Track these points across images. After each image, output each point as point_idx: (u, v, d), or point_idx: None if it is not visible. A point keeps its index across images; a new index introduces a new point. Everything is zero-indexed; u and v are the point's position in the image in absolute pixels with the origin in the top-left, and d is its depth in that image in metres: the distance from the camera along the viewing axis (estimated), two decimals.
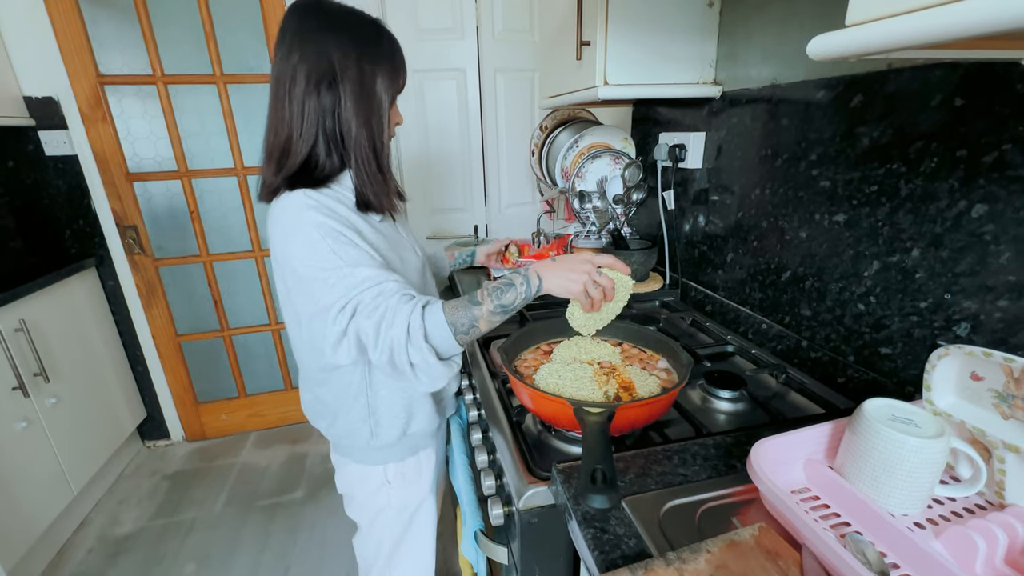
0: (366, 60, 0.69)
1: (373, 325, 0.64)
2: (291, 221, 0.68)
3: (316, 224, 0.66)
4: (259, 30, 1.86)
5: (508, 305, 0.69)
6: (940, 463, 0.49)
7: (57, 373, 1.66)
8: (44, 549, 1.59)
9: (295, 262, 0.67)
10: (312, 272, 0.66)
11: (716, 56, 1.12)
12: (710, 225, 1.20)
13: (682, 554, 0.46)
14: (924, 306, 0.72)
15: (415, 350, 0.64)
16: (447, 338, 0.66)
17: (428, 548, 0.97)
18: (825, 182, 0.86)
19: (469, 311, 0.67)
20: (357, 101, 0.69)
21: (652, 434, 0.76)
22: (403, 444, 0.87)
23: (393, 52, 0.73)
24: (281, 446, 2.19)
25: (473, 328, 0.67)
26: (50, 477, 1.60)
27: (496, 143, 1.92)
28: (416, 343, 0.64)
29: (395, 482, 0.89)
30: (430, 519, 0.96)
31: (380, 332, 0.64)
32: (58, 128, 1.77)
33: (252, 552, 1.63)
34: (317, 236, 0.66)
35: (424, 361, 0.65)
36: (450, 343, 0.66)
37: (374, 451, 0.86)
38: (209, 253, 2.06)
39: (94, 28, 1.73)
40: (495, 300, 0.68)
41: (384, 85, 0.72)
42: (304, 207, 0.67)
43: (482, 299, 0.68)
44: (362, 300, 0.65)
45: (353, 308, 0.65)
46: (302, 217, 0.67)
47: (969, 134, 0.64)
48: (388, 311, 0.64)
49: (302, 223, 0.67)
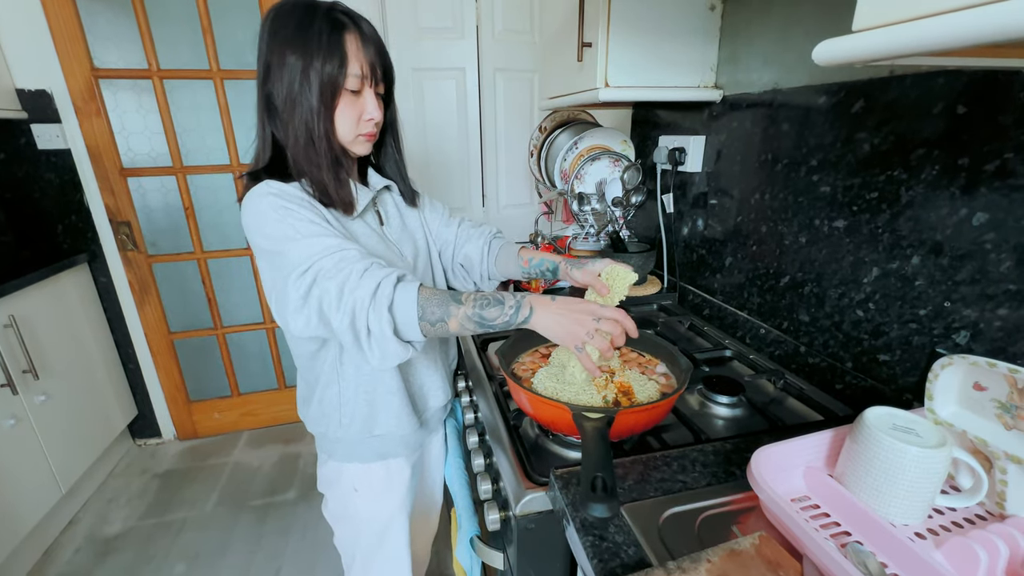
0: (289, 49, 0.67)
1: (336, 286, 0.61)
2: (254, 206, 0.68)
3: (274, 206, 0.67)
4: (256, 26, 1.83)
5: (487, 320, 0.63)
6: (942, 473, 0.48)
7: (47, 370, 1.64)
8: (30, 549, 1.57)
9: (258, 240, 0.68)
10: (273, 244, 0.66)
11: (717, 60, 1.12)
12: (709, 229, 1.20)
13: (682, 563, 0.46)
14: (923, 313, 0.72)
15: (375, 315, 0.60)
16: (410, 318, 0.61)
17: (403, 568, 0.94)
18: (825, 188, 0.86)
19: (446, 305, 0.63)
20: (288, 94, 0.68)
21: (650, 439, 0.75)
22: (370, 444, 0.85)
23: (324, 35, 0.66)
24: (274, 446, 2.17)
25: (441, 323, 0.63)
26: (38, 475, 1.58)
27: (495, 144, 1.91)
28: (378, 308, 0.60)
29: (362, 490, 0.87)
30: (402, 542, 0.92)
31: (344, 293, 0.61)
32: (51, 121, 1.75)
33: (243, 552, 1.62)
34: (277, 216, 0.66)
35: (380, 331, 0.60)
36: (411, 324, 0.62)
37: (344, 445, 0.85)
38: (203, 250, 2.04)
39: (89, 20, 1.70)
40: (476, 308, 0.63)
41: (314, 73, 0.67)
42: (265, 193, 0.68)
43: (464, 301, 0.64)
44: (323, 267, 0.63)
45: (315, 273, 0.63)
46: (263, 202, 0.68)
47: (971, 142, 0.64)
48: (353, 273, 0.62)
49: (263, 207, 0.67)
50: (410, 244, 0.86)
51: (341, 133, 0.72)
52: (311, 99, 0.68)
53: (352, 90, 0.70)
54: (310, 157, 0.70)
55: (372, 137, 0.76)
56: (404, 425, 0.84)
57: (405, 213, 0.88)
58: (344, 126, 0.72)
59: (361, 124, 0.73)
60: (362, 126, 0.74)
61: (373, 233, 0.79)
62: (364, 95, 0.72)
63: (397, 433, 0.85)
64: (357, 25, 0.70)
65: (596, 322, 0.62)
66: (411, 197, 0.89)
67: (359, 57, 0.69)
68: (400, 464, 0.89)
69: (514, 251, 0.90)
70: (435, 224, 0.94)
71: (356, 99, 0.71)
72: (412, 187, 0.89)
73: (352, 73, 0.69)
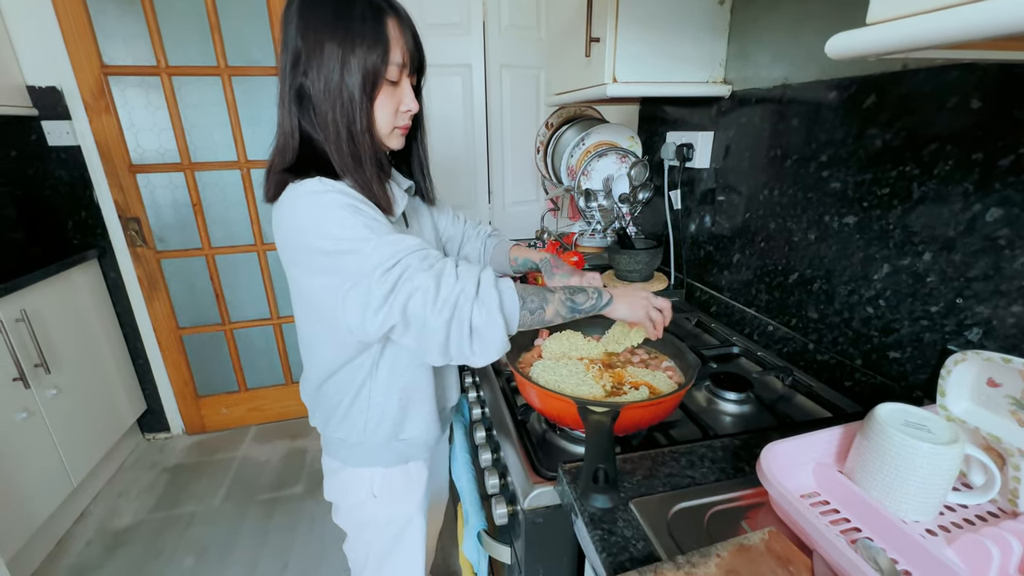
0: (327, 35, 0.62)
1: (432, 278, 0.59)
2: (312, 204, 0.62)
3: (342, 204, 0.62)
4: (264, 22, 1.85)
5: (578, 305, 0.68)
6: (954, 470, 0.48)
7: (58, 364, 1.66)
8: (43, 541, 1.59)
9: (327, 243, 0.61)
10: (349, 245, 0.61)
11: (726, 55, 1.11)
12: (716, 225, 1.19)
13: (692, 558, 0.46)
14: (935, 310, 0.71)
15: (481, 309, 0.59)
16: (515, 308, 0.62)
17: (417, 570, 0.92)
18: (836, 184, 0.85)
19: (541, 293, 0.66)
20: (326, 85, 0.63)
21: (657, 435, 0.75)
22: (393, 449, 0.82)
23: (367, 21, 0.62)
24: (281, 441, 2.19)
25: (539, 311, 0.65)
26: (50, 468, 1.60)
27: (501, 140, 1.91)
28: (485, 301, 0.59)
29: (381, 496, 0.84)
30: (419, 540, 0.90)
31: (441, 286, 0.59)
32: (61, 118, 1.76)
33: (251, 546, 1.63)
34: (346, 213, 0.62)
35: (489, 324, 0.59)
36: (515, 314, 0.63)
37: (364, 450, 0.81)
38: (211, 246, 2.05)
39: (98, 18, 1.71)
40: (568, 295, 0.68)
41: (357, 62, 0.62)
42: (321, 191, 0.63)
43: (556, 291, 0.67)
44: (411, 263, 0.60)
45: (403, 269, 0.60)
46: (323, 199, 0.62)
47: (986, 137, 0.63)
48: (447, 269, 0.61)
49: (324, 204, 0.62)
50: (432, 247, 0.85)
51: (379, 126, 0.69)
52: (353, 90, 0.63)
53: (391, 80, 0.66)
54: (354, 153, 0.66)
55: (406, 130, 0.73)
56: (429, 431, 0.83)
57: (421, 213, 0.86)
58: (382, 118, 0.68)
59: (399, 116, 0.70)
60: (399, 118, 0.70)
61: None
62: (402, 85, 0.69)
63: (422, 438, 0.83)
64: (396, 10, 0.66)
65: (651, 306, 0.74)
66: (431, 196, 0.86)
67: (400, 45, 0.65)
68: (419, 466, 0.87)
69: (505, 249, 0.94)
70: (443, 223, 0.94)
71: (394, 90, 0.68)
72: (433, 185, 0.87)
73: (394, 62, 0.65)
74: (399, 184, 0.79)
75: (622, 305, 0.72)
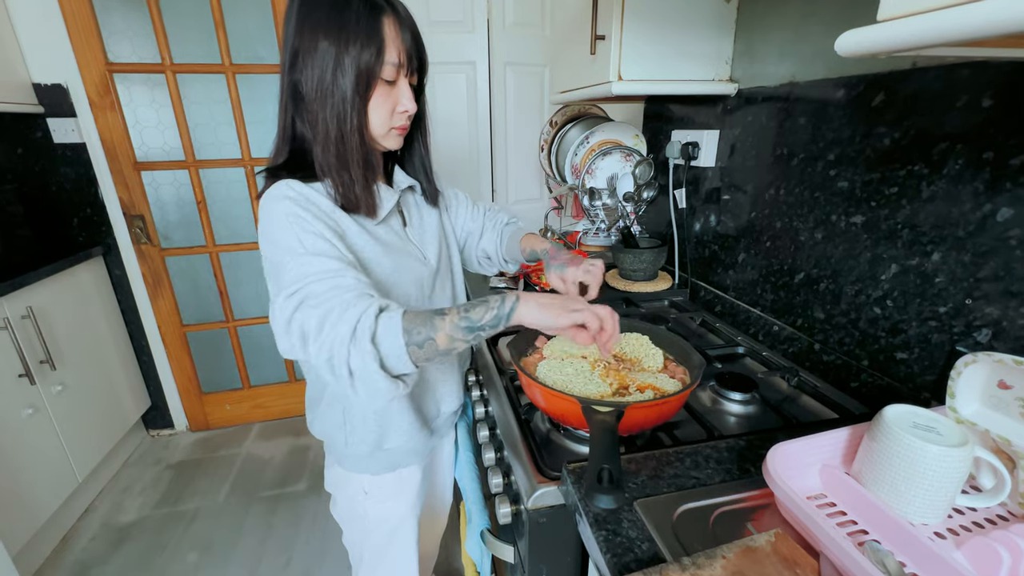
0: (322, 33, 0.61)
1: (318, 317, 0.56)
2: (267, 210, 0.64)
3: (287, 212, 0.63)
4: (268, 20, 1.85)
5: (475, 322, 0.59)
6: (963, 472, 0.48)
7: (63, 361, 1.67)
8: (48, 536, 1.60)
9: (264, 244, 0.65)
10: (277, 256, 0.62)
11: (732, 53, 1.10)
12: (722, 224, 1.19)
13: (697, 559, 0.45)
14: (943, 311, 0.70)
15: (357, 353, 0.54)
16: (397, 346, 0.55)
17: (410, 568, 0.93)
18: (843, 183, 0.85)
19: (430, 321, 0.57)
20: (319, 83, 0.63)
21: (661, 435, 0.75)
22: (378, 459, 0.82)
23: (362, 20, 0.61)
24: (284, 438, 2.20)
25: (429, 341, 0.57)
26: (55, 464, 1.61)
27: (504, 138, 1.91)
28: (360, 345, 0.54)
29: (372, 494, 0.85)
30: (411, 539, 0.91)
31: (324, 327, 0.56)
32: (67, 116, 1.77)
33: (254, 542, 1.64)
34: (286, 223, 0.62)
35: (364, 368, 0.55)
36: (399, 352, 0.56)
37: (353, 458, 0.83)
38: (215, 244, 2.06)
39: (104, 16, 1.72)
40: (462, 313, 0.59)
41: (350, 61, 0.62)
42: (281, 196, 0.64)
43: (448, 312, 0.59)
44: (312, 291, 0.58)
45: (302, 297, 0.58)
46: (277, 206, 0.63)
47: (997, 135, 0.62)
48: (338, 305, 0.57)
49: (275, 212, 0.63)
50: (433, 245, 0.83)
51: (373, 126, 0.68)
52: (345, 89, 0.63)
53: (387, 80, 0.66)
54: (339, 153, 0.65)
55: (404, 131, 0.72)
56: (415, 439, 0.83)
57: (426, 212, 0.84)
58: (377, 119, 0.67)
59: (395, 117, 0.69)
60: (395, 119, 0.70)
61: (396, 237, 0.76)
62: (399, 85, 0.67)
63: (408, 446, 0.83)
64: (394, 8, 0.65)
65: (577, 312, 0.61)
66: (433, 197, 0.84)
67: (396, 44, 0.64)
68: (411, 471, 0.87)
69: (518, 238, 0.91)
70: (460, 219, 0.92)
71: (391, 90, 0.67)
72: (436, 185, 0.85)
73: (389, 62, 0.64)
74: (397, 184, 0.79)
75: (531, 307, 0.60)
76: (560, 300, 0.62)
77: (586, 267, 0.78)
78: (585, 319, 0.61)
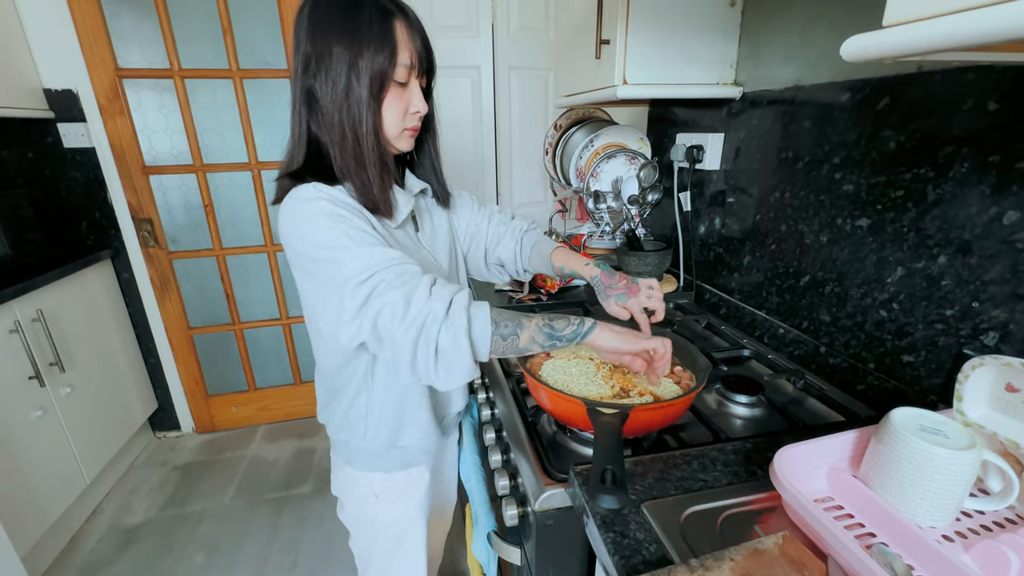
0: (335, 38, 0.62)
1: (404, 297, 0.58)
2: (303, 212, 0.64)
3: (326, 212, 0.63)
4: (276, 25, 1.86)
5: (556, 331, 0.63)
6: (971, 475, 0.48)
7: (72, 363, 1.68)
8: (56, 537, 1.61)
9: (311, 251, 0.64)
10: (327, 254, 0.62)
11: (737, 56, 1.11)
12: (726, 227, 1.19)
13: (705, 561, 0.46)
14: (950, 314, 0.70)
15: (449, 330, 0.57)
16: (485, 332, 0.60)
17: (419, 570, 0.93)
18: (848, 186, 0.85)
19: (517, 319, 0.62)
20: (334, 87, 0.64)
21: (668, 438, 0.75)
22: (392, 456, 0.83)
23: (374, 24, 0.63)
24: (290, 440, 2.21)
25: (513, 337, 0.61)
26: (64, 465, 1.62)
27: (509, 142, 1.92)
28: (454, 322, 0.58)
29: (382, 496, 0.85)
30: (420, 541, 0.91)
31: (411, 305, 0.58)
32: (76, 120, 1.79)
33: (260, 544, 1.65)
34: (329, 222, 0.63)
35: (455, 345, 0.58)
36: (485, 339, 0.60)
37: (366, 455, 0.83)
38: (222, 247, 2.08)
39: (113, 21, 1.74)
40: (545, 320, 0.63)
41: (364, 64, 0.63)
42: (313, 198, 0.64)
43: (533, 316, 0.64)
44: (384, 278, 0.60)
45: (375, 284, 0.60)
46: (313, 207, 0.64)
47: (1003, 139, 0.62)
48: (421, 286, 0.59)
49: (310, 212, 0.64)
50: (444, 248, 0.84)
51: (387, 128, 0.69)
52: (360, 93, 0.64)
53: (399, 82, 0.67)
54: (357, 155, 0.67)
55: (415, 132, 0.73)
56: (429, 436, 0.83)
57: (436, 215, 0.85)
58: (391, 120, 0.68)
59: (407, 118, 0.70)
60: (408, 120, 0.71)
61: (411, 241, 0.77)
62: (410, 87, 0.69)
63: (421, 444, 0.84)
64: (404, 12, 0.66)
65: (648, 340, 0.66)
66: (445, 198, 0.85)
67: (408, 47, 0.66)
68: (421, 471, 0.87)
69: (546, 252, 0.88)
70: (465, 220, 0.93)
71: (403, 91, 0.68)
72: (446, 187, 0.86)
73: (401, 63, 0.65)
74: (409, 188, 0.79)
75: (607, 334, 0.65)
76: (630, 330, 0.67)
77: (647, 292, 0.80)
78: (655, 346, 0.66)
